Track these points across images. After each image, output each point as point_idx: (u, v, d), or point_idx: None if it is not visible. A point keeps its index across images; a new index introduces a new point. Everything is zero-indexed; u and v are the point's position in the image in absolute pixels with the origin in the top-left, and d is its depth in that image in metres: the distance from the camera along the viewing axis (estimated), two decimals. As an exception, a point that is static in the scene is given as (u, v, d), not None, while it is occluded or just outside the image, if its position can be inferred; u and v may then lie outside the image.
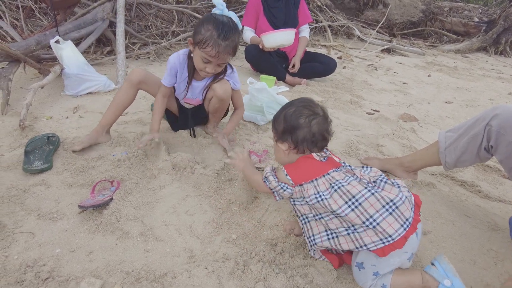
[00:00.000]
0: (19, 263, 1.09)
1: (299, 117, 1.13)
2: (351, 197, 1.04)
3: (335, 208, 1.04)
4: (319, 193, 1.07)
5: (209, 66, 1.58)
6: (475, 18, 7.02)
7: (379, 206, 1.03)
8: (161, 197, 1.47)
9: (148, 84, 1.81)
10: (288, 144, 1.15)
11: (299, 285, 1.10)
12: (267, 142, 2.06)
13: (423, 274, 1.10)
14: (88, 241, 1.21)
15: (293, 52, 3.31)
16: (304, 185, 1.10)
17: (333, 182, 1.08)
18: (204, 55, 1.53)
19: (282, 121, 1.16)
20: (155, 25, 3.92)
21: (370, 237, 1.03)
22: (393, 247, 1.01)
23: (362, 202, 1.03)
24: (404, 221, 1.03)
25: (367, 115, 2.69)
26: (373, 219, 1.02)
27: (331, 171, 1.10)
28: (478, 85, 4.14)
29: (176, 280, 1.08)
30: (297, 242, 1.29)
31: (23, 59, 2.31)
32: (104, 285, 1.05)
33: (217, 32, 1.47)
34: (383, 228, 1.01)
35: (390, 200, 1.03)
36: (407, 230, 1.02)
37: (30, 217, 1.29)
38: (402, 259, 1.07)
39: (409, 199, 1.07)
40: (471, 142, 1.47)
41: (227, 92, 1.75)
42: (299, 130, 1.12)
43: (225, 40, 1.49)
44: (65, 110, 2.19)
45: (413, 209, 1.07)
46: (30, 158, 1.59)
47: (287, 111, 1.16)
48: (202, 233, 1.31)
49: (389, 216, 1.02)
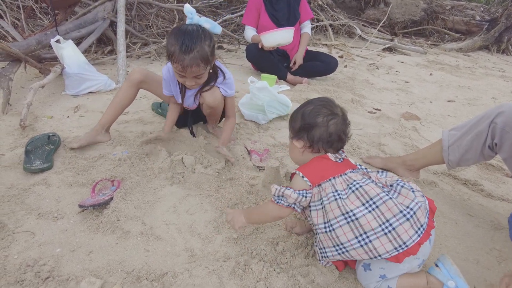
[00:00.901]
0: (19, 263, 1.09)
1: (317, 116, 1.12)
2: (369, 199, 1.01)
3: (352, 208, 1.01)
4: (337, 191, 1.04)
5: (186, 80, 1.52)
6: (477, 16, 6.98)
7: (397, 211, 0.99)
8: (162, 197, 1.47)
9: (149, 83, 1.81)
10: (303, 142, 1.14)
11: (301, 285, 1.09)
12: (268, 141, 2.05)
13: (427, 276, 1.08)
14: (89, 241, 1.21)
15: (294, 50, 3.29)
16: (322, 184, 1.07)
17: (351, 182, 1.05)
18: (175, 70, 1.50)
19: (299, 119, 1.15)
20: (156, 25, 3.91)
21: (383, 246, 0.99)
22: (407, 254, 0.99)
23: (380, 205, 1.00)
24: (419, 227, 1.00)
25: (368, 114, 2.68)
26: (389, 223, 0.99)
27: (348, 172, 1.08)
28: (480, 84, 4.12)
29: (176, 280, 1.07)
30: (298, 242, 1.28)
31: (24, 58, 2.31)
32: (104, 285, 1.05)
33: (179, 46, 1.40)
34: (398, 234, 0.98)
35: (407, 206, 1.01)
36: (421, 236, 1.00)
37: (31, 216, 1.29)
38: (413, 265, 1.05)
39: (425, 205, 1.05)
40: (475, 140, 1.45)
41: (216, 101, 1.70)
42: (315, 129, 1.11)
43: (188, 53, 1.40)
44: (66, 109, 2.19)
45: (428, 214, 1.04)
46: (31, 158, 1.59)
47: (305, 108, 1.15)
48: (202, 232, 1.30)
49: (406, 222, 0.99)
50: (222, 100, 1.75)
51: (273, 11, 3.15)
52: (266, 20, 3.18)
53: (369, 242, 1.00)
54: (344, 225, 1.02)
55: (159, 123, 2.10)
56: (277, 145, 2.00)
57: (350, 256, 1.05)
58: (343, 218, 1.02)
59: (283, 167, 1.76)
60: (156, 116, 2.20)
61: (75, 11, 3.32)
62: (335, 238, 1.05)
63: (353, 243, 1.02)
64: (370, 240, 1.00)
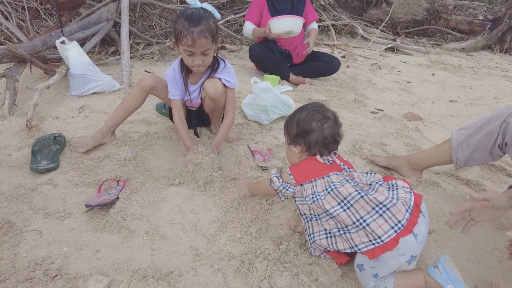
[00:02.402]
0: (28, 261, 1.11)
1: (312, 121, 1.19)
2: (343, 199, 1.07)
3: (328, 208, 1.08)
4: (315, 193, 1.12)
5: (195, 58, 1.58)
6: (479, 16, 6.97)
7: (369, 208, 1.04)
8: (167, 196, 1.48)
9: (159, 89, 1.82)
10: (300, 147, 1.21)
11: (304, 283, 1.11)
12: (271, 141, 2.06)
13: (426, 276, 1.08)
14: (95, 240, 1.23)
15: (297, 50, 3.31)
16: (304, 184, 1.15)
17: (329, 184, 1.11)
18: (184, 48, 1.54)
19: (295, 125, 1.22)
20: (159, 25, 3.94)
21: (360, 238, 1.05)
22: (383, 249, 1.01)
23: (353, 203, 1.05)
24: (396, 223, 1.02)
25: (371, 114, 2.69)
26: (363, 220, 1.04)
27: (331, 174, 1.14)
28: (483, 84, 4.11)
29: (182, 278, 1.09)
30: (301, 241, 1.29)
31: (29, 59, 2.33)
32: (111, 283, 1.07)
33: (188, 21, 1.49)
34: (372, 229, 1.02)
35: (380, 202, 1.04)
36: (398, 232, 1.01)
37: (38, 215, 1.31)
38: (400, 262, 1.05)
39: (404, 201, 1.05)
40: (485, 138, 1.47)
41: (218, 92, 1.72)
42: (311, 134, 1.18)
43: (197, 25, 1.49)
44: (71, 110, 2.21)
45: (410, 210, 1.05)
46: (37, 158, 1.61)
47: (300, 115, 1.21)
48: (207, 231, 1.32)
49: (379, 218, 1.03)
50: (224, 92, 1.76)
51: (276, 12, 3.16)
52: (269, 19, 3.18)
53: (347, 232, 1.08)
54: (328, 219, 1.11)
55: (163, 123, 2.13)
56: (280, 145, 2.02)
57: (335, 242, 1.12)
58: (326, 215, 1.11)
59: (286, 167, 1.77)
60: (161, 117, 2.22)
61: (79, 12, 3.34)
62: (320, 225, 1.15)
63: (334, 232, 1.11)
64: (350, 232, 1.07)
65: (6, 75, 2.21)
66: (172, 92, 1.75)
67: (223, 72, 1.76)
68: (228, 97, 1.81)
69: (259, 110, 2.28)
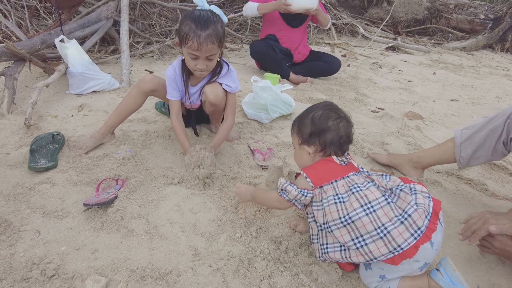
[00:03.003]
0: (25, 261, 1.10)
1: (328, 120, 1.14)
2: (367, 202, 1.02)
3: (350, 211, 1.02)
4: (337, 195, 1.06)
5: (198, 62, 1.54)
6: (481, 15, 6.94)
7: (392, 215, 1.00)
8: (166, 195, 1.47)
9: (159, 91, 1.79)
10: (315, 147, 1.16)
11: (304, 283, 1.10)
12: (271, 140, 2.05)
13: (429, 280, 1.07)
14: (93, 239, 1.22)
15: (298, 49, 3.30)
16: (324, 186, 1.09)
17: (352, 185, 1.07)
18: (189, 51, 1.50)
19: (309, 124, 1.16)
20: (159, 24, 3.92)
21: (379, 249, 1.00)
22: (403, 256, 0.99)
23: (377, 209, 1.01)
24: (416, 230, 0.99)
25: (372, 113, 2.67)
26: (384, 227, 0.99)
27: (351, 174, 1.10)
28: (484, 83, 4.10)
29: (180, 278, 1.08)
30: (301, 240, 1.28)
31: (28, 58, 2.32)
32: (109, 283, 1.06)
33: (195, 24, 1.45)
34: (393, 237, 0.98)
35: (403, 209, 1.01)
36: (417, 239, 0.99)
37: (36, 215, 1.30)
38: (413, 268, 1.03)
39: (425, 207, 1.03)
40: (490, 135, 1.46)
41: (218, 97, 1.70)
42: (328, 133, 1.13)
43: (205, 30, 1.45)
44: (70, 108, 2.20)
45: (429, 217, 1.02)
46: (36, 157, 1.60)
47: (314, 114, 1.16)
48: (206, 231, 1.31)
49: (401, 226, 0.99)
50: (224, 97, 1.74)
51: None
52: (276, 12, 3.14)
53: (364, 245, 1.01)
54: (341, 228, 1.04)
55: (162, 122, 2.11)
56: (280, 144, 2.01)
57: (349, 256, 1.06)
58: (340, 222, 1.04)
59: (286, 166, 1.76)
60: (160, 116, 2.20)
61: (79, 11, 3.33)
62: (334, 238, 1.08)
63: (350, 245, 1.04)
64: (366, 243, 1.01)
65: (5, 74, 2.20)
66: (170, 93, 1.72)
67: (225, 77, 1.73)
68: (228, 102, 1.78)
69: (259, 109, 2.26)
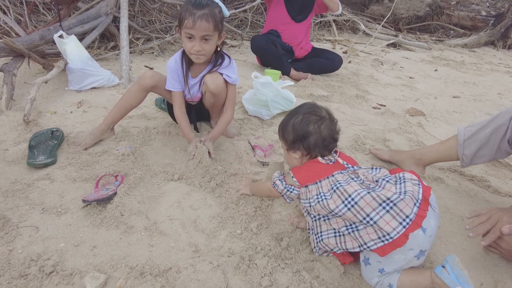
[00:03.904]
0: (23, 257, 1.09)
1: (308, 124, 1.15)
2: (348, 196, 1.04)
3: (333, 208, 1.05)
4: (320, 194, 1.09)
5: (195, 44, 1.54)
6: (482, 11, 6.90)
7: (376, 204, 1.01)
8: (165, 192, 1.46)
9: (160, 87, 1.78)
10: (300, 152, 1.17)
11: (305, 280, 1.09)
12: (272, 137, 2.03)
13: (432, 276, 1.05)
14: (92, 236, 1.21)
15: (301, 45, 3.27)
16: (309, 186, 1.13)
17: (334, 183, 1.08)
18: (185, 31, 1.51)
19: (291, 131, 1.17)
20: (159, 20, 3.90)
21: (369, 235, 1.02)
22: (393, 246, 0.99)
23: (358, 201, 1.02)
24: (404, 218, 0.99)
25: (373, 110, 2.65)
26: (369, 218, 1.01)
27: (336, 173, 1.11)
28: (486, 80, 4.07)
29: (180, 275, 1.07)
30: (303, 237, 1.27)
31: (27, 54, 2.30)
32: (108, 280, 1.05)
33: (192, 5, 1.48)
34: (380, 227, 0.99)
35: (387, 198, 1.01)
36: (407, 227, 0.98)
37: (34, 211, 1.29)
38: (408, 256, 1.02)
39: (412, 195, 1.02)
40: (494, 133, 1.44)
41: (218, 87, 1.68)
42: (310, 137, 1.14)
43: (200, 9, 1.47)
44: (69, 105, 2.18)
45: (418, 204, 1.02)
46: (34, 153, 1.59)
47: (295, 120, 1.17)
48: (206, 227, 1.29)
49: (387, 214, 0.99)
50: (225, 88, 1.73)
51: None
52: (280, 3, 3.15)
53: (356, 231, 1.06)
54: (332, 219, 1.11)
55: (162, 118, 2.10)
56: (281, 141, 1.99)
57: (344, 241, 1.10)
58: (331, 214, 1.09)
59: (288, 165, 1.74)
60: (160, 112, 2.19)
61: (78, 6, 3.31)
62: (329, 224, 1.13)
63: (342, 230, 1.09)
64: (358, 229, 1.05)
65: (4, 70, 2.18)
66: (172, 84, 1.71)
67: (226, 68, 1.72)
68: (228, 94, 1.77)
69: (260, 105, 2.24)
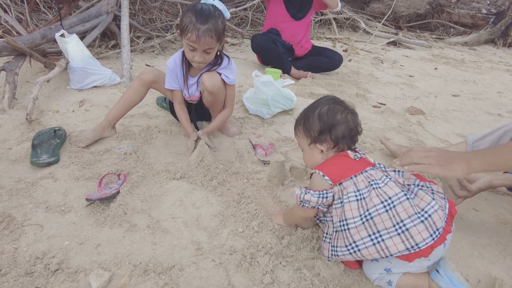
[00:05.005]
0: (29, 255, 1.10)
1: (336, 114, 1.10)
2: (388, 198, 1.01)
3: (370, 206, 1.01)
4: (359, 191, 1.04)
5: (196, 54, 1.57)
6: (483, 9, 6.90)
7: (412, 212, 0.99)
8: (168, 190, 1.47)
9: (159, 83, 1.80)
10: (327, 144, 1.11)
11: (306, 278, 1.10)
12: (273, 136, 2.05)
13: (430, 281, 1.07)
14: (96, 234, 1.22)
15: (301, 43, 3.28)
16: (343, 182, 1.06)
17: (371, 180, 1.05)
18: (188, 42, 1.54)
19: (317, 121, 1.11)
20: (160, 19, 3.90)
21: (396, 246, 0.98)
22: (418, 255, 0.98)
23: (397, 205, 1.00)
24: (434, 231, 0.98)
25: (373, 108, 2.67)
26: (403, 224, 0.98)
27: (368, 169, 1.08)
28: (486, 78, 4.08)
29: (183, 273, 1.09)
30: (303, 235, 1.28)
31: (28, 53, 2.31)
32: (113, 277, 1.06)
33: (196, 17, 1.49)
34: (411, 235, 0.97)
35: (422, 209, 1.00)
36: (435, 240, 0.98)
37: (39, 209, 1.30)
38: (423, 266, 1.04)
39: (443, 208, 1.02)
40: (503, 136, 1.50)
41: (215, 86, 1.70)
42: (338, 127, 1.09)
43: (204, 23, 1.48)
44: (71, 103, 2.20)
45: (446, 218, 1.02)
46: (37, 152, 1.60)
47: (321, 109, 1.12)
48: (209, 225, 1.31)
49: (420, 224, 0.98)
50: (222, 86, 1.75)
51: None
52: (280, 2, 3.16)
53: (381, 241, 1.00)
54: (359, 225, 1.03)
55: (163, 117, 2.11)
56: (282, 139, 2.01)
57: (362, 255, 1.04)
58: (360, 219, 1.02)
59: (288, 161, 1.76)
60: (161, 110, 2.20)
61: (79, 5, 3.31)
62: (349, 237, 1.04)
63: (366, 241, 1.02)
64: (383, 239, 0.99)
65: (6, 69, 2.20)
66: (170, 84, 1.75)
67: (225, 68, 1.75)
68: (227, 94, 1.81)
69: (260, 104, 2.26)
